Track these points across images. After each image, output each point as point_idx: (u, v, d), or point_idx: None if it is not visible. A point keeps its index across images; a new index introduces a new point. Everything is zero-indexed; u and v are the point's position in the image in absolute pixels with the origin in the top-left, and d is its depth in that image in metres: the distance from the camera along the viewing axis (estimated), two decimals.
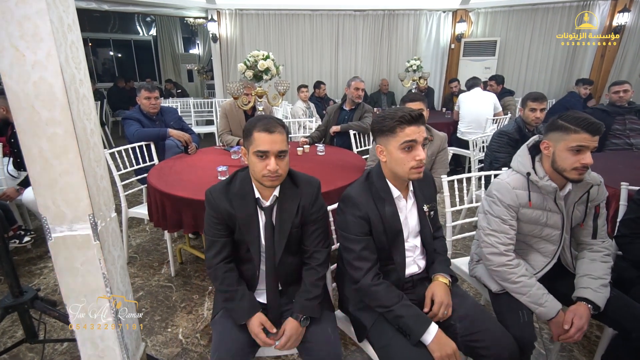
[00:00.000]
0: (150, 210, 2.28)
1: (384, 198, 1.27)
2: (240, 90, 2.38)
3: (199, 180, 2.23)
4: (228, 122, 3.23)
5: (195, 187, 2.09)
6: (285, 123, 1.24)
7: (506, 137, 2.56)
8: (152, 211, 2.24)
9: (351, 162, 2.63)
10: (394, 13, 6.24)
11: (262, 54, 2.37)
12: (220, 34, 6.09)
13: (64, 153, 1.15)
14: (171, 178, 2.26)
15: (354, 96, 3.33)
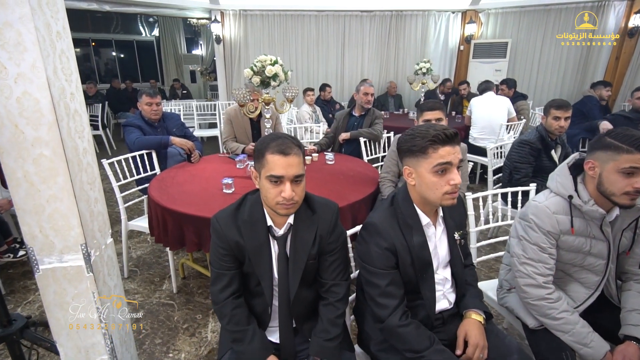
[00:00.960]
0: (151, 224, 2.15)
1: (411, 226, 1.13)
2: (247, 97, 2.24)
3: (202, 193, 2.09)
4: (233, 128, 3.09)
5: (199, 202, 1.95)
6: (301, 142, 1.10)
7: (528, 146, 2.42)
8: (153, 225, 2.10)
9: (363, 173, 2.48)
10: (402, 14, 6.10)
11: (269, 58, 2.24)
12: (224, 35, 5.96)
13: (52, 177, 1.01)
14: (173, 190, 2.13)
15: (363, 101, 3.19)
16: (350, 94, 6.36)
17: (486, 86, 4.09)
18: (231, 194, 2.08)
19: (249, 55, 6.06)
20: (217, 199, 2.01)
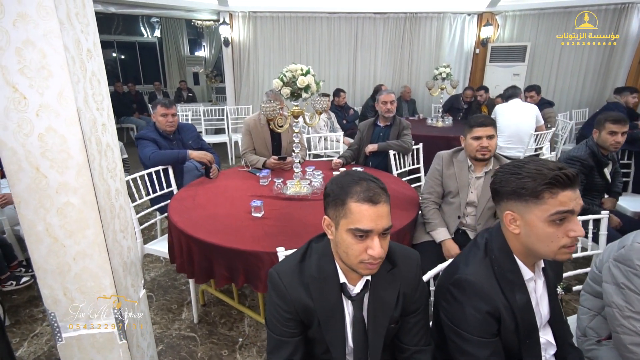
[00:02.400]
0: (172, 251, 1.95)
1: (513, 282, 0.94)
2: (277, 111, 2.04)
3: (229, 217, 1.89)
4: (252, 139, 2.90)
5: (228, 229, 1.75)
6: (384, 185, 0.91)
7: (578, 163, 2.23)
8: (175, 253, 1.90)
9: (400, 192, 2.29)
10: (416, 16, 5.90)
11: (300, 68, 2.04)
12: (232, 38, 5.76)
13: (81, 229, 0.82)
14: (196, 214, 1.93)
15: (383, 111, 3.00)
16: (362, 99, 6.16)
17: (512, 92, 3.90)
18: (261, 218, 1.89)
19: (259, 59, 5.86)
20: (247, 224, 1.81)
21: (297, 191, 2.22)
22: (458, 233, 1.98)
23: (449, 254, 1.87)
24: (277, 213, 1.96)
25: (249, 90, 6.02)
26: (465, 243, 1.92)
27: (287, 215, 1.94)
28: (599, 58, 5.55)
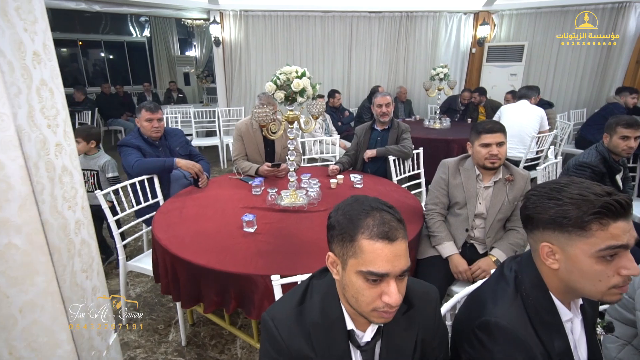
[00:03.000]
0: (157, 270, 1.79)
1: (550, 325, 0.80)
2: (270, 117, 1.89)
3: (219, 233, 1.74)
4: (244, 145, 2.74)
5: (218, 248, 1.60)
6: (401, 215, 0.76)
7: (589, 169, 2.11)
8: (160, 272, 1.74)
9: (402, 201, 2.15)
10: (412, 15, 5.78)
11: (295, 70, 1.89)
12: (223, 37, 5.58)
13: (28, 276, 0.66)
14: (183, 229, 1.77)
15: (378, 115, 2.86)
16: (358, 100, 6.03)
17: (524, 93, 3.80)
18: (254, 234, 1.73)
19: (250, 59, 5.69)
20: (238, 242, 1.65)
21: (293, 202, 2.08)
22: (466, 247, 1.85)
23: (456, 270, 1.74)
24: (272, 227, 1.81)
25: (240, 92, 5.84)
26: (473, 257, 1.79)
27: (283, 230, 1.79)
28: (597, 58, 5.48)
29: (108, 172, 2.56)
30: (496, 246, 1.77)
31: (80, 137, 2.42)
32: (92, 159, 2.56)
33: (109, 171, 2.56)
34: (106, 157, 2.59)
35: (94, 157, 2.57)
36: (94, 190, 2.47)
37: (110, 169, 2.56)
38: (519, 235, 1.77)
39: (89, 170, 2.55)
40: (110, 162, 2.58)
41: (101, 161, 2.56)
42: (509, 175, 1.79)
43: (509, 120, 3.70)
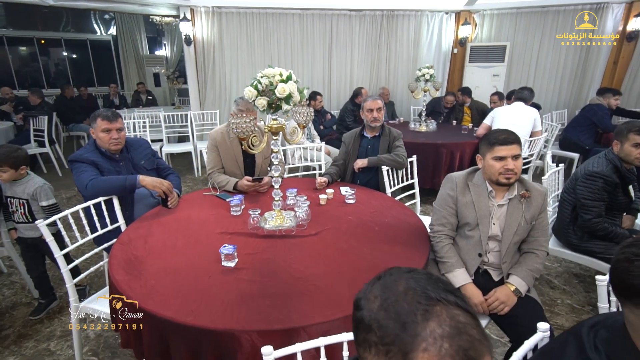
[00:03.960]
0: (116, 317, 1.46)
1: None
2: (251, 128, 1.60)
3: (193, 271, 1.43)
4: (219, 156, 2.43)
5: (192, 292, 1.30)
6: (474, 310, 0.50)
7: (601, 180, 1.95)
8: (118, 321, 1.42)
9: (402, 219, 1.91)
10: (393, 14, 5.60)
11: (278, 72, 1.61)
12: (194, 36, 5.20)
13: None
14: (147, 268, 1.46)
15: (369, 120, 2.62)
16: (339, 102, 5.80)
17: (521, 95, 3.67)
18: (234, 270, 1.45)
19: (225, 59, 5.33)
20: (216, 282, 1.36)
21: (279, 224, 1.80)
22: (478, 273, 1.64)
23: (471, 303, 1.51)
24: (255, 259, 1.52)
25: (215, 94, 5.48)
26: (488, 286, 1.57)
27: (269, 262, 1.51)
28: (576, 59, 5.49)
29: (41, 200, 2.11)
30: (513, 272, 1.56)
31: (7, 165, 1.99)
32: (18, 185, 2.10)
33: (42, 199, 2.11)
34: (37, 183, 2.12)
35: (20, 182, 2.10)
36: (27, 221, 2.10)
37: (44, 196, 2.11)
38: (538, 259, 1.57)
39: (16, 199, 2.11)
40: (43, 188, 2.12)
41: (30, 188, 2.10)
42: (524, 191, 1.59)
43: (504, 122, 3.58)
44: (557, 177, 2.45)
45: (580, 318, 2.26)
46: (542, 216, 1.61)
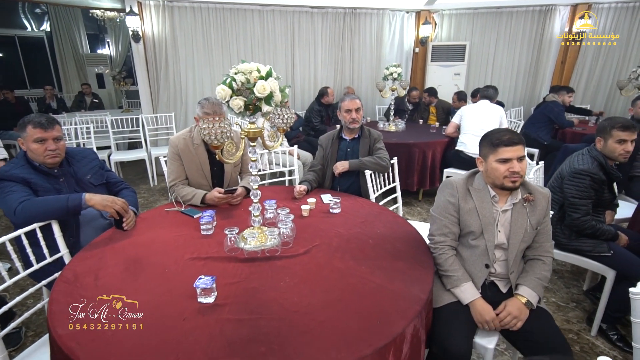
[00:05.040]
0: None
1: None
2: (227, 134, 1.34)
3: (162, 315, 1.16)
4: (182, 166, 2.13)
5: (161, 347, 1.03)
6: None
7: (588, 178, 1.92)
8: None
9: (395, 229, 1.75)
10: (356, 11, 5.50)
11: (256, 68, 1.38)
12: (144, 32, 4.73)
13: None
14: (100, 313, 1.15)
15: (347, 121, 2.44)
16: (303, 102, 5.60)
17: (486, 93, 3.68)
18: (214, 307, 1.19)
19: (179, 57, 4.91)
20: (194, 328, 1.09)
21: (261, 244, 1.55)
22: (485, 286, 1.51)
23: (482, 320, 1.38)
24: (238, 291, 1.28)
25: (169, 95, 5.03)
26: (496, 299, 1.45)
27: (256, 292, 1.27)
28: (529, 58, 5.73)
29: None
30: (522, 283, 1.45)
31: None
32: None
33: None
34: None
35: None
36: None
37: None
38: (545, 266, 1.48)
39: None
40: None
41: None
42: (527, 194, 1.49)
43: (472, 120, 3.59)
44: (537, 175, 2.43)
45: (567, 316, 2.25)
46: (546, 220, 1.51)
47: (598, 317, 2.04)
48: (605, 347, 2.00)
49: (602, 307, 2.00)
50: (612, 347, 1.99)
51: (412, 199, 4.11)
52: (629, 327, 2.15)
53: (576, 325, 2.17)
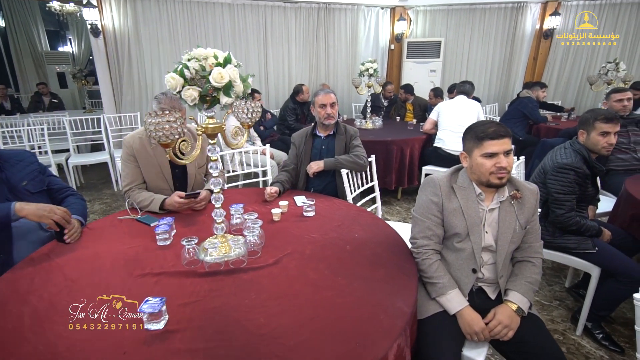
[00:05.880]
0: None
1: None
2: (177, 130, 1.15)
3: (104, 349, 0.96)
4: (139, 168, 1.92)
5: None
6: None
7: (572, 172, 1.84)
8: None
9: (376, 233, 1.60)
10: (330, 7, 5.36)
11: (213, 54, 1.20)
12: (104, 25, 4.41)
13: None
14: (28, 350, 0.94)
15: (321, 117, 2.28)
16: (278, 100, 5.41)
17: (463, 89, 3.61)
18: (164, 334, 1.00)
19: (144, 53, 4.62)
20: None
21: (224, 255, 1.37)
22: (472, 292, 1.39)
23: (470, 330, 1.26)
24: (196, 312, 1.09)
25: (133, 94, 4.73)
26: (484, 306, 1.33)
27: (216, 313, 1.09)
28: (502, 54, 5.77)
29: None
30: (512, 288, 1.33)
31: None
32: None
33: None
34: None
35: None
36: None
37: None
38: (535, 269, 1.37)
39: None
40: None
41: None
42: (514, 191, 1.37)
43: (450, 116, 3.52)
44: (519, 171, 2.36)
45: (552, 316, 2.18)
46: (534, 218, 1.41)
47: (583, 316, 1.97)
48: (591, 347, 1.93)
49: (588, 306, 1.94)
50: (598, 347, 1.93)
51: (391, 197, 4.01)
52: (613, 324, 2.11)
53: (561, 325, 2.10)
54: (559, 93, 5.76)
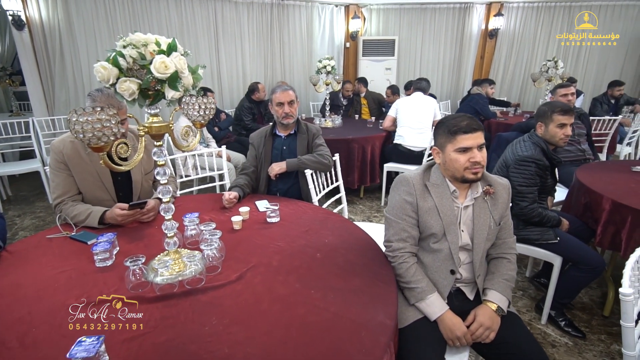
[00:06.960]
0: None
1: None
2: (112, 130, 0.96)
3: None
4: (71, 177, 1.65)
5: None
6: None
7: (534, 164, 1.87)
8: None
9: (346, 238, 1.49)
10: (283, 3, 5.21)
11: (154, 40, 1.02)
12: (28, 17, 3.91)
13: None
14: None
15: (279, 116, 2.13)
16: (232, 98, 5.17)
17: (419, 86, 3.61)
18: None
19: (78, 49, 4.17)
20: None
21: (178, 273, 1.19)
22: (451, 294, 1.32)
23: (452, 336, 1.19)
24: (142, 350, 0.91)
25: (68, 94, 4.25)
26: (464, 308, 1.28)
27: (170, 347, 0.91)
28: (452, 52, 5.97)
29: None
30: (489, 286, 1.29)
31: None
32: None
33: None
34: None
35: None
36: None
37: None
38: (511, 265, 1.34)
39: None
40: None
41: None
42: (487, 186, 1.33)
43: (408, 113, 3.53)
44: None
45: (517, 306, 2.22)
46: (507, 213, 1.38)
47: (547, 305, 2.02)
48: (556, 335, 1.98)
49: (551, 295, 1.98)
50: (562, 334, 1.98)
51: (354, 197, 3.95)
52: (573, 310, 2.18)
53: (527, 315, 2.14)
54: (504, 89, 6.07)
